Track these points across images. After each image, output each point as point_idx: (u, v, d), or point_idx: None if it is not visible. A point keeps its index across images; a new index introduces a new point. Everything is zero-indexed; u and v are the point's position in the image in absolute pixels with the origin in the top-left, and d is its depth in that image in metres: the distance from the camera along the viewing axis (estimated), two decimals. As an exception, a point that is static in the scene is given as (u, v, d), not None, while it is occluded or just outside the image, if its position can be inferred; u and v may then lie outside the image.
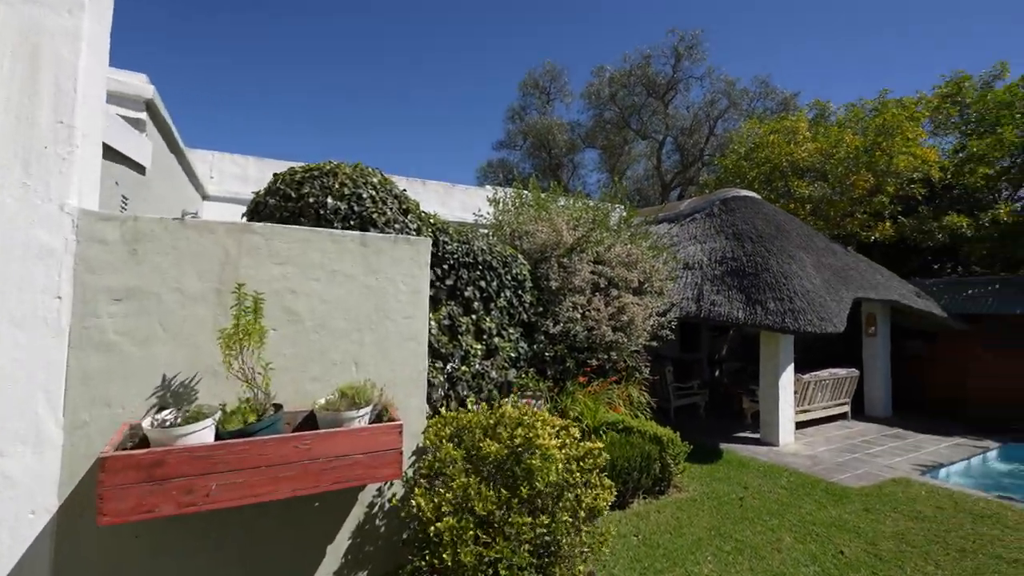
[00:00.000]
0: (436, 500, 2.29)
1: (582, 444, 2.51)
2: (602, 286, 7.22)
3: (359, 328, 2.70)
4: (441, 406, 5.14)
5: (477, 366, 5.59)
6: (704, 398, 9.70)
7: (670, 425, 5.72)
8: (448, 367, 5.26)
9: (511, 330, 6.30)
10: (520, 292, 6.51)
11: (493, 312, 5.98)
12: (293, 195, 3.24)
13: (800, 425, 8.56)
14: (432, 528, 2.20)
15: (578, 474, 2.34)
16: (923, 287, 10.94)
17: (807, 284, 7.26)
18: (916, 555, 4.03)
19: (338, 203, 3.26)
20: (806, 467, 6.35)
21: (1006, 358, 9.87)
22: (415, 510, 2.36)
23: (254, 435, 2.05)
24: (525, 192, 8.37)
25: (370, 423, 2.40)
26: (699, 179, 23.61)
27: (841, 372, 8.92)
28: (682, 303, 8.09)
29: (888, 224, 11.70)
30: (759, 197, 10.15)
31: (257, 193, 3.45)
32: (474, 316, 5.63)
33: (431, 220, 5.12)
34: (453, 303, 5.41)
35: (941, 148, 13.28)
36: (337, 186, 3.34)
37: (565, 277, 7.08)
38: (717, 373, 13.59)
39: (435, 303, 5.26)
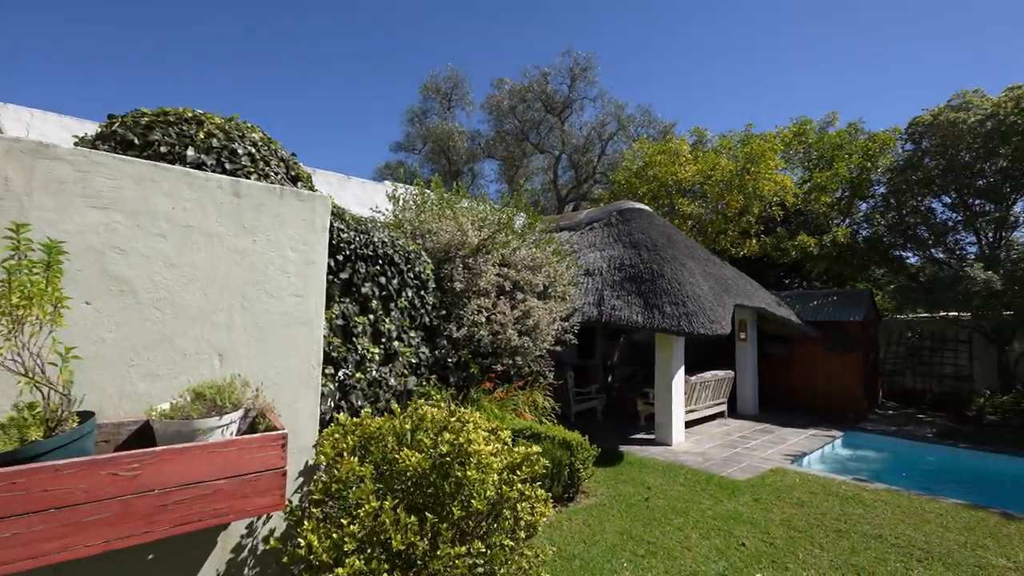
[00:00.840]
0: (335, 535, 1.73)
1: (517, 449, 2.13)
2: (507, 289, 6.99)
3: (226, 307, 2.05)
4: (330, 420, 4.45)
5: (374, 373, 4.97)
6: (602, 402, 9.91)
7: (570, 429, 5.60)
8: (340, 373, 4.59)
9: (412, 333, 5.76)
10: (423, 292, 6.01)
11: (393, 313, 5.41)
12: (136, 142, 2.43)
13: (687, 424, 9.06)
14: (330, 576, 1.65)
15: (519, 485, 1.95)
16: (780, 298, 12.42)
17: (698, 290, 7.72)
18: (803, 539, 4.26)
19: (202, 156, 2.52)
20: (698, 464, 6.64)
21: (842, 359, 11.52)
22: (303, 551, 1.77)
23: (38, 459, 1.36)
24: (428, 192, 7.91)
25: (239, 434, 1.80)
26: (592, 195, 24.88)
27: (720, 374, 9.67)
28: (584, 308, 8.15)
29: (754, 241, 13.16)
30: (651, 210, 10.78)
31: (80, 137, 2.54)
32: (372, 316, 5.01)
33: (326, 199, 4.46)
34: (348, 300, 4.76)
35: (794, 178, 15.39)
36: (203, 136, 2.61)
37: (470, 278, 6.73)
38: (610, 378, 14.13)
39: (327, 299, 4.57)
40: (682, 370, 8.08)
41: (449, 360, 6.30)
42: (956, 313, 12.38)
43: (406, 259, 5.64)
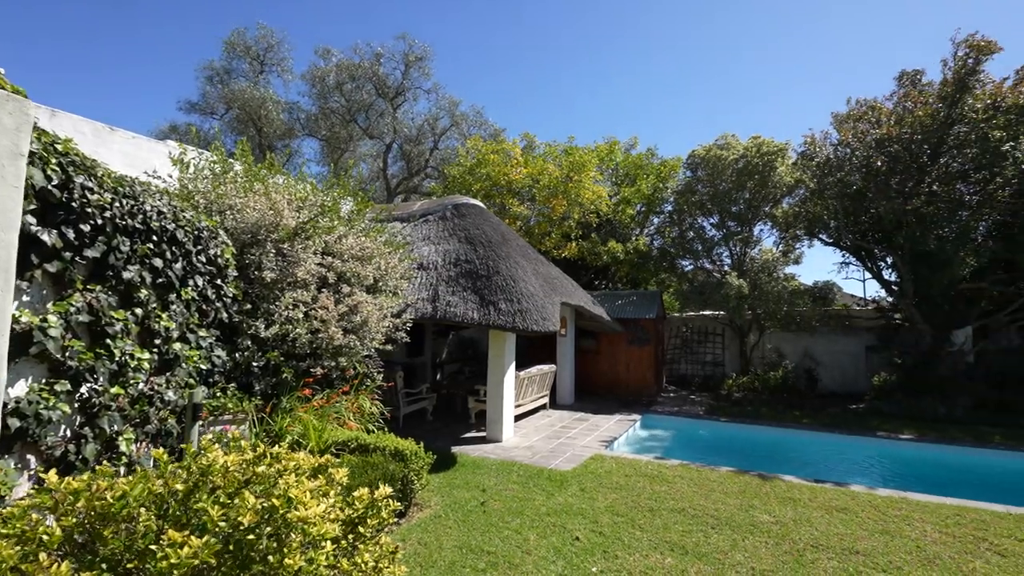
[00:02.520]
0: None
1: (358, 494, 1.58)
2: (331, 281, 6.14)
3: None
4: (66, 457, 3.16)
5: (141, 385, 3.75)
6: (432, 402, 9.55)
7: (399, 434, 5.13)
8: (85, 389, 3.31)
9: (203, 332, 4.57)
10: (220, 281, 4.83)
11: (175, 307, 4.18)
12: None
13: (515, 419, 9.29)
14: None
15: (365, 555, 1.39)
16: (593, 297, 13.77)
17: (531, 288, 7.91)
18: (625, 523, 4.55)
19: None
20: (528, 458, 6.76)
21: (639, 351, 13.28)
22: None
23: None
24: (233, 161, 6.51)
25: None
26: (423, 188, 24.35)
27: (545, 368, 10.19)
28: (418, 303, 7.68)
29: (573, 245, 14.33)
30: (485, 207, 10.81)
31: None
32: (140, 311, 3.76)
33: (57, 145, 3.13)
34: (101, 288, 3.47)
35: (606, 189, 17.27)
36: None
37: (285, 267, 5.71)
38: (438, 376, 13.87)
39: (62, 284, 3.24)
40: (513, 366, 8.21)
41: (254, 364, 5.23)
42: (715, 312, 15.34)
43: (196, 238, 4.43)
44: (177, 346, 4.18)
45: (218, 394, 4.76)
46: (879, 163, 10.62)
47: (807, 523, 4.68)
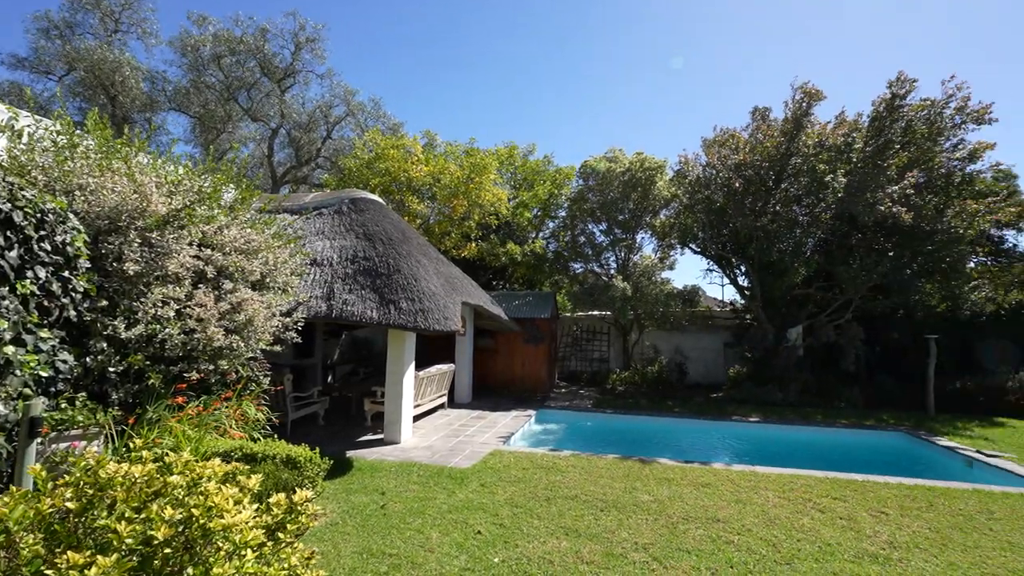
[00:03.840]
0: None
1: (275, 500, 1.50)
2: (211, 276, 5.59)
3: None
4: None
5: (-39, 397, 3.12)
6: (324, 406, 9.05)
7: (289, 441, 4.85)
8: None
9: (44, 333, 3.92)
10: (68, 274, 4.17)
11: (7, 302, 3.53)
12: None
13: (414, 419, 9.17)
14: None
15: (292, 559, 1.33)
16: (492, 297, 14.05)
17: (432, 287, 7.88)
18: (524, 513, 4.77)
19: None
20: (428, 458, 6.74)
21: (535, 349, 13.83)
22: None
23: None
24: (84, 133, 5.61)
25: None
26: (314, 179, 22.85)
27: (444, 367, 10.18)
28: (311, 302, 7.26)
29: (473, 245, 14.48)
30: (384, 203, 10.51)
31: None
32: (-42, 307, 3.12)
33: None
34: (-100, 279, 2.82)
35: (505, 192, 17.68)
36: None
37: (153, 259, 5.10)
38: (330, 378, 13.15)
39: None
40: (412, 366, 8.11)
41: (111, 370, 4.61)
42: (603, 312, 16.52)
43: (39, 222, 3.78)
44: (9, 350, 3.52)
45: (63, 405, 4.10)
46: (737, 184, 12.29)
47: (679, 499, 5.30)
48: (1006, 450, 7.97)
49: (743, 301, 15.02)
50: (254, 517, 1.31)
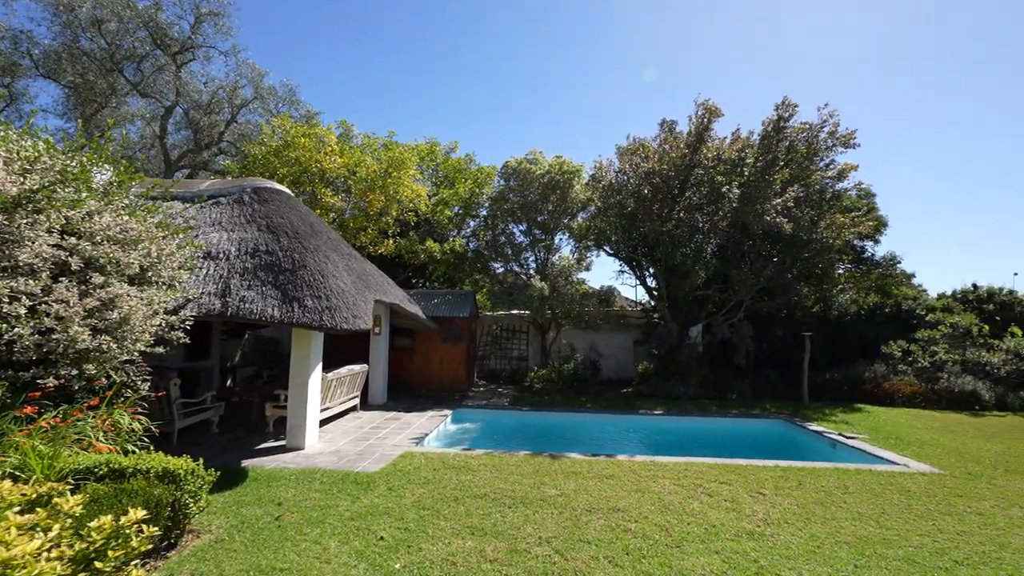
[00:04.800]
0: None
1: (96, 524, 1.29)
2: (75, 268, 4.93)
3: None
4: None
5: None
6: (219, 412, 8.32)
7: (174, 452, 4.42)
8: None
9: None
10: None
11: None
12: None
13: (322, 423, 8.72)
14: None
15: None
16: (410, 295, 13.74)
17: (342, 284, 7.52)
18: (432, 516, 4.70)
19: None
20: (333, 464, 6.42)
21: (453, 348, 13.73)
22: None
23: None
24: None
25: None
26: (216, 165, 20.98)
27: (356, 368, 9.78)
28: (203, 299, 6.63)
29: (391, 242, 14.06)
30: (292, 194, 9.87)
31: None
32: None
33: None
34: None
35: (426, 189, 17.35)
36: None
37: (-2, 247, 4.40)
38: (230, 382, 12.14)
39: None
40: (320, 367, 7.69)
41: (-62, 378, 3.90)
42: (522, 311, 16.78)
43: None
44: None
45: None
46: (646, 191, 13.05)
47: (585, 492, 5.50)
48: (861, 432, 9.18)
49: (651, 301, 15.97)
50: (54, 547, 1.13)
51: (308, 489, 5.36)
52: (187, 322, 5.93)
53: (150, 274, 5.82)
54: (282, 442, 7.43)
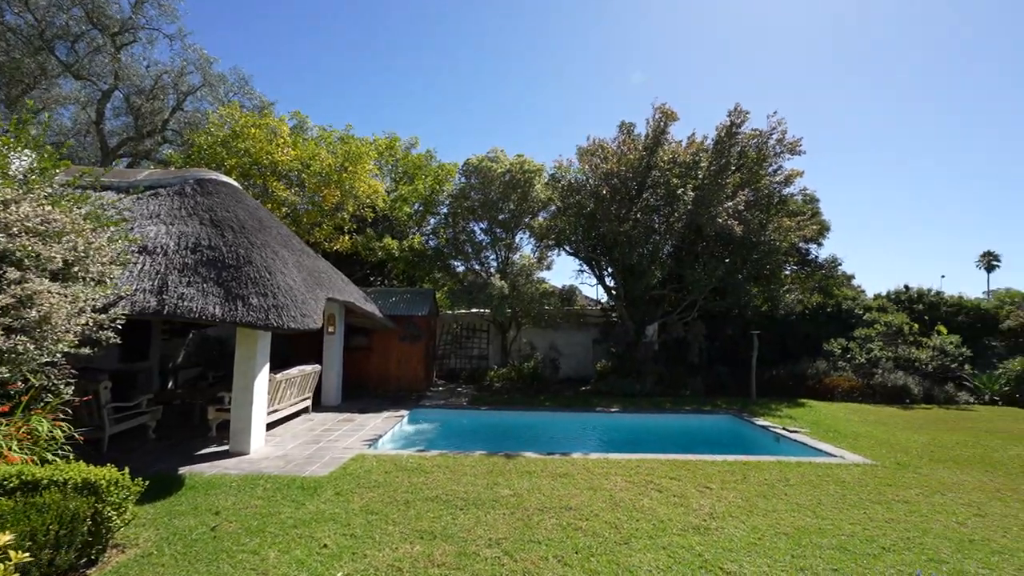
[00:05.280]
0: None
1: None
2: (-14, 262, 4.50)
3: None
4: None
5: None
6: (156, 416, 7.84)
7: (102, 460, 4.13)
8: None
9: None
10: None
11: None
12: None
13: (270, 426, 8.38)
14: None
15: None
16: (366, 294, 13.41)
17: (290, 281, 7.22)
18: (380, 520, 4.57)
19: None
20: (280, 469, 6.17)
21: (411, 347, 13.51)
22: None
23: None
24: None
25: None
26: (159, 155, 19.83)
27: (308, 368, 9.45)
28: (137, 296, 6.22)
29: (347, 238, 13.67)
30: (240, 188, 9.42)
31: None
32: None
33: None
34: None
35: (384, 185, 16.96)
36: None
37: None
38: (171, 383, 11.49)
39: None
40: (267, 368, 7.37)
41: None
42: (482, 310, 16.70)
43: None
44: None
45: None
46: (605, 191, 13.23)
47: (538, 491, 5.50)
48: (804, 426, 9.63)
49: (610, 301, 16.22)
50: None
51: (250, 496, 5.11)
52: (118, 321, 5.54)
53: (76, 269, 5.39)
54: (225, 447, 7.08)
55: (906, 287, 17.61)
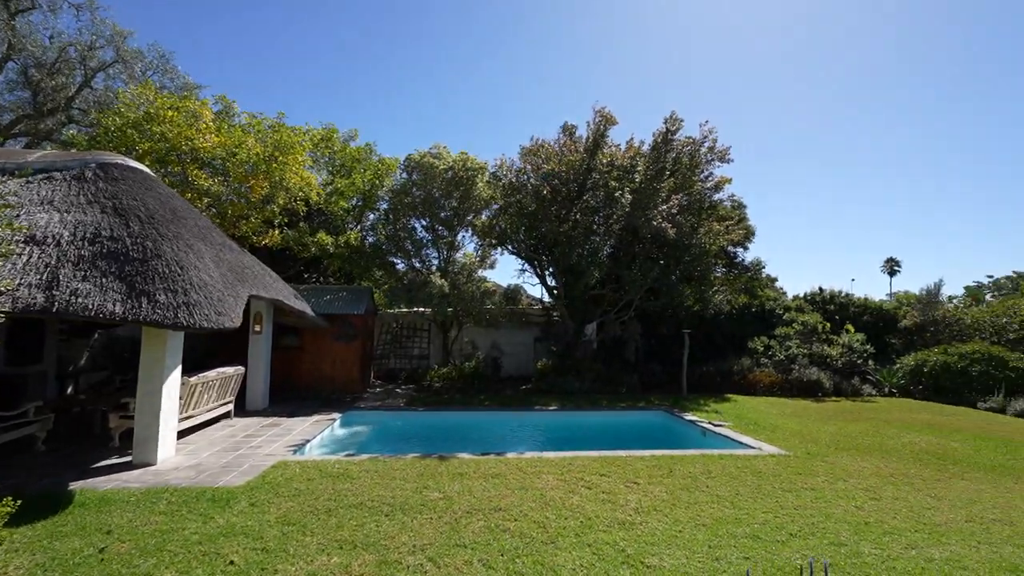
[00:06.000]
0: None
1: None
2: None
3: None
4: None
5: None
6: (45, 426, 7.02)
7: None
8: None
9: None
10: None
11: None
12: None
13: (184, 433, 7.75)
14: None
15: None
16: (298, 291, 12.76)
17: (206, 277, 6.69)
18: (296, 532, 4.30)
19: None
20: (190, 480, 5.69)
21: (347, 347, 13.00)
22: None
23: None
24: None
25: None
26: (62, 135, 17.91)
27: (229, 370, 8.83)
28: (20, 292, 5.53)
29: (277, 233, 12.95)
30: (153, 175, 8.64)
31: None
32: None
33: None
34: None
35: (319, 178, 16.21)
36: None
37: None
38: (71, 389, 10.39)
39: None
40: (179, 370, 6.79)
41: None
42: (423, 308, 16.38)
43: None
44: None
45: None
46: (546, 192, 13.35)
47: (468, 493, 5.40)
48: (728, 420, 10.15)
49: (551, 300, 16.41)
50: None
51: (150, 512, 4.66)
52: (-8, 320, 4.88)
53: (-63, 260, 4.72)
54: (128, 458, 6.45)
55: (820, 289, 19.07)
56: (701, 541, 4.32)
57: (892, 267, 74.89)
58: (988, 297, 24.99)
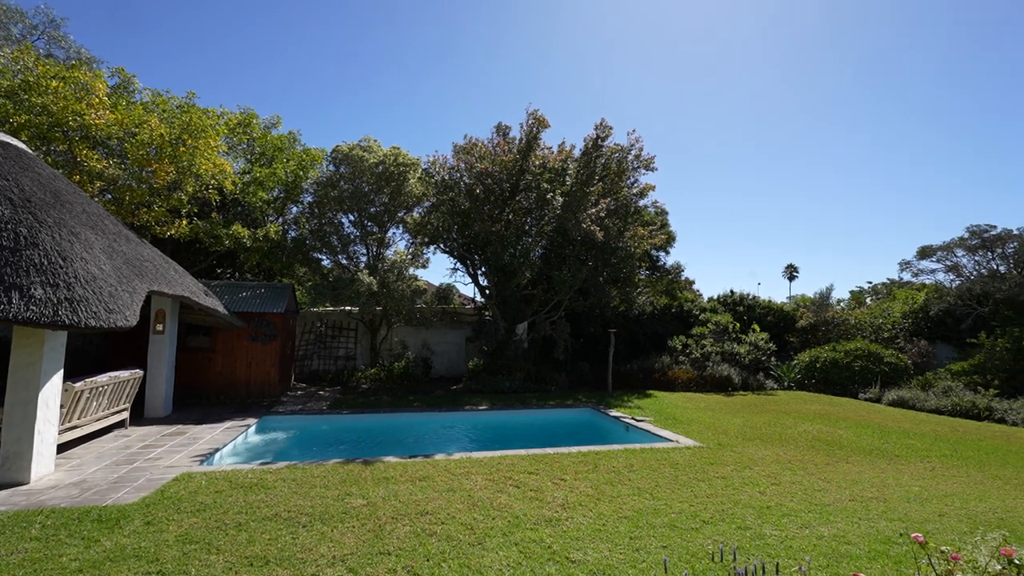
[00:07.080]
0: None
1: None
2: None
3: None
4: None
5: None
6: None
7: None
8: None
9: None
10: None
11: None
12: None
13: (67, 446, 6.86)
14: None
15: None
16: (209, 287, 11.76)
17: (95, 270, 5.95)
18: (200, 550, 3.93)
19: None
20: (71, 499, 5.03)
21: (264, 348, 12.17)
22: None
23: None
24: None
25: None
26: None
27: (124, 374, 7.93)
28: None
29: (185, 223, 11.84)
30: (31, 152, 7.55)
31: None
32: None
33: None
34: None
35: (235, 166, 15.03)
36: None
37: None
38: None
39: None
40: (60, 376, 5.99)
41: None
42: (350, 307, 15.74)
43: None
44: None
45: None
46: (479, 191, 13.31)
47: (394, 497, 5.23)
48: (649, 415, 10.67)
49: (483, 299, 16.40)
50: None
51: (19, 539, 4.06)
52: None
53: None
54: (-8, 477, 5.59)
55: (731, 292, 20.62)
56: (623, 533, 4.48)
57: (791, 272, 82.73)
58: (868, 300, 28.34)
